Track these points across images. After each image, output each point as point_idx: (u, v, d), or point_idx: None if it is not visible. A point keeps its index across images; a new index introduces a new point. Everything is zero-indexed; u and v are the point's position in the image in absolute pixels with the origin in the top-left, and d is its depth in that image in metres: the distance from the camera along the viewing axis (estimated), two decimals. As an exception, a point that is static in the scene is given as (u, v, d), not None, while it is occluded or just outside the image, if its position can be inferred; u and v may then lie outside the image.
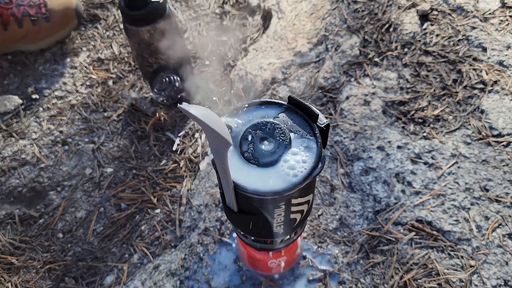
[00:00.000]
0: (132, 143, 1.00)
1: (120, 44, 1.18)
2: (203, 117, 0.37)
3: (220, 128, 0.38)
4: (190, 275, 0.82)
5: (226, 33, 1.18)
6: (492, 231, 0.83)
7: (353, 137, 0.96)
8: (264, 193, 0.45)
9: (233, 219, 0.56)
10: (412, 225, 0.84)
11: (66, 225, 0.91)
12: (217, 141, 0.40)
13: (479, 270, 0.79)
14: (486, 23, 1.11)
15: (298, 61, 1.09)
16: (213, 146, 0.41)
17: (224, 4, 1.25)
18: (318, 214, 0.87)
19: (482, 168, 0.90)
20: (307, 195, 0.51)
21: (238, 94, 1.06)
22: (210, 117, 0.38)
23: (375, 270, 0.81)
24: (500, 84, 1.00)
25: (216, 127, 0.38)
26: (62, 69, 1.15)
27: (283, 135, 0.48)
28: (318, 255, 0.83)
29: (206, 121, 0.37)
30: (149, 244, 0.87)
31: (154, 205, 0.91)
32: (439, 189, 0.88)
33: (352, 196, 0.89)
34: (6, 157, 1.00)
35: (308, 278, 0.80)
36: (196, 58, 1.14)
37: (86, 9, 1.25)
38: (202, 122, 0.37)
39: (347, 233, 0.85)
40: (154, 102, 1.06)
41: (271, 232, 0.55)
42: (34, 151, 1.01)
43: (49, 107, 1.08)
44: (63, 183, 0.96)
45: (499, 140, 0.93)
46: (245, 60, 1.12)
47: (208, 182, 0.93)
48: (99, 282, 0.84)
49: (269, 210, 0.49)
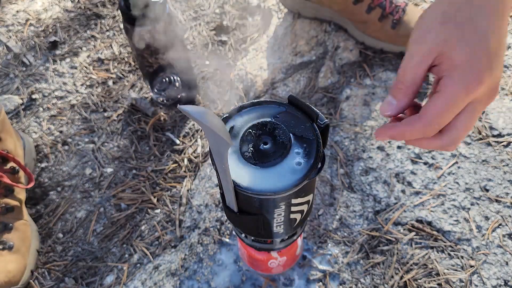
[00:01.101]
0: (132, 143, 1.00)
1: (120, 44, 1.18)
2: (203, 117, 0.37)
3: (220, 128, 0.38)
4: (190, 275, 0.82)
5: (226, 33, 1.18)
6: (492, 231, 0.83)
7: (353, 137, 0.96)
8: (264, 193, 0.45)
9: (233, 219, 0.56)
10: (412, 225, 0.84)
11: (66, 225, 0.91)
12: (217, 141, 0.40)
13: (479, 270, 0.79)
14: (486, 23, 1.11)
15: (298, 61, 1.09)
16: (213, 146, 0.41)
17: (224, 4, 1.25)
18: (318, 214, 0.87)
19: (482, 168, 0.90)
20: (307, 195, 0.51)
21: (238, 94, 1.06)
22: (209, 118, 0.37)
23: (375, 270, 0.81)
24: (500, 84, 1.00)
25: (215, 128, 0.38)
26: (62, 69, 1.15)
27: (283, 135, 0.48)
28: (318, 255, 0.83)
29: (205, 121, 0.37)
30: (149, 244, 0.87)
31: (154, 205, 0.92)
32: (439, 189, 0.88)
33: (352, 196, 0.89)
34: (6, 157, 1.00)
35: (308, 278, 0.80)
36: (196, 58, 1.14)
37: (88, 9, 1.25)
38: (202, 123, 0.37)
39: (347, 233, 0.85)
40: (154, 102, 1.06)
41: (271, 232, 0.55)
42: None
43: (49, 107, 1.08)
44: (63, 183, 0.96)
45: (499, 140, 0.93)
46: (245, 60, 1.12)
47: (208, 182, 0.93)
48: (99, 282, 0.84)
49: (269, 210, 0.49)
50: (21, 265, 0.81)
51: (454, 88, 0.41)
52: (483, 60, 0.41)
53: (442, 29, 0.42)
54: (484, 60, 0.41)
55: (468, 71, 0.41)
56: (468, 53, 0.41)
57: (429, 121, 0.43)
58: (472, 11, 0.41)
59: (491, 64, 0.41)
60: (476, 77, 0.41)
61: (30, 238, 0.85)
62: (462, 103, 0.42)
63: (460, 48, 0.41)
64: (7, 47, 1.20)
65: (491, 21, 0.41)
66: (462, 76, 0.41)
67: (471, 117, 0.43)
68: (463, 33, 0.41)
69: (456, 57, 0.41)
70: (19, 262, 0.81)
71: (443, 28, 0.42)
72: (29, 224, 0.86)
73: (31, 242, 0.85)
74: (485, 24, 0.41)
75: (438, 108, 0.42)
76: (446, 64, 0.42)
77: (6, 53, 1.20)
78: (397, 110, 0.46)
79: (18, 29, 1.25)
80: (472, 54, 0.41)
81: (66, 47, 1.19)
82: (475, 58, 0.41)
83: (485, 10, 0.41)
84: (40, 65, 1.16)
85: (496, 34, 0.41)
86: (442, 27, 0.42)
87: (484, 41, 0.41)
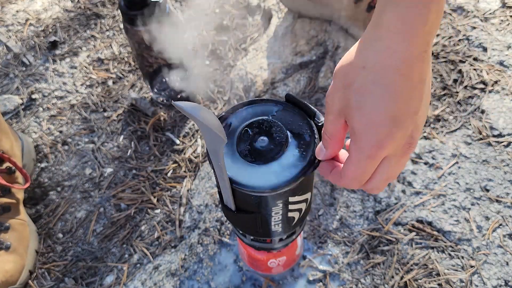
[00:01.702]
0: (132, 143, 1.00)
1: (120, 44, 1.18)
2: (197, 113, 0.37)
3: (214, 124, 0.38)
4: (190, 275, 0.82)
5: (226, 33, 1.18)
6: (492, 231, 0.83)
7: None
8: (261, 190, 0.45)
9: (231, 217, 0.56)
10: (412, 225, 0.84)
11: (66, 225, 0.91)
12: (212, 137, 0.40)
13: (479, 270, 0.79)
14: (486, 23, 1.11)
15: (298, 61, 1.09)
16: (208, 143, 0.41)
17: (224, 4, 1.25)
18: (318, 214, 0.87)
19: (483, 168, 0.90)
20: (304, 193, 0.51)
21: (238, 94, 1.06)
22: (203, 114, 0.38)
23: (376, 270, 0.80)
24: (500, 84, 1.00)
25: (209, 123, 0.38)
26: (62, 69, 1.15)
27: (280, 133, 0.48)
28: (318, 255, 0.82)
29: (199, 117, 0.37)
30: (149, 244, 0.87)
31: (154, 205, 0.91)
32: (440, 189, 0.88)
33: (352, 196, 0.88)
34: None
35: (308, 278, 0.80)
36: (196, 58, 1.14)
37: (88, 9, 1.25)
38: (196, 119, 0.37)
39: (347, 233, 0.85)
40: (154, 102, 1.05)
41: (269, 231, 0.55)
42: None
43: (49, 107, 1.08)
44: (63, 183, 0.96)
45: (499, 140, 0.93)
46: (245, 60, 1.12)
47: (208, 182, 0.93)
48: (99, 283, 0.83)
49: (267, 208, 0.49)
50: (19, 265, 0.81)
51: (357, 155, 0.42)
52: (380, 128, 0.39)
53: (344, 94, 0.41)
54: (381, 128, 0.39)
55: (367, 139, 0.40)
56: (364, 122, 0.40)
57: (350, 181, 0.44)
58: (368, 78, 0.39)
59: (391, 128, 0.39)
60: (375, 143, 0.40)
61: (28, 238, 0.85)
62: (370, 165, 0.42)
63: (357, 116, 0.40)
64: (7, 47, 1.21)
65: (390, 85, 0.38)
66: (363, 144, 0.40)
67: (388, 170, 0.44)
68: (360, 100, 0.40)
69: (355, 125, 0.41)
70: (17, 262, 0.81)
71: (345, 94, 0.41)
72: (27, 224, 0.86)
73: (29, 242, 0.85)
74: (381, 90, 0.39)
75: (352, 172, 0.43)
76: (350, 128, 0.42)
77: (6, 53, 1.20)
78: (327, 156, 0.47)
79: (18, 29, 1.25)
80: (369, 122, 0.40)
81: (66, 47, 1.19)
82: (371, 127, 0.40)
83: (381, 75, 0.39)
84: (40, 65, 1.16)
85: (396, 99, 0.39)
86: (345, 91, 0.41)
87: (383, 107, 0.39)
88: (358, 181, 0.44)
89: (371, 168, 0.43)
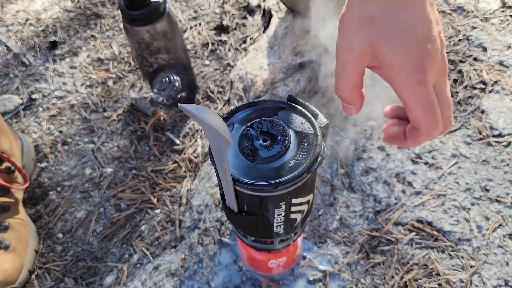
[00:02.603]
0: (132, 143, 1.00)
1: (120, 44, 1.18)
2: (203, 115, 0.37)
3: (220, 126, 0.38)
4: (190, 275, 0.82)
5: (226, 33, 1.18)
6: (492, 231, 0.83)
7: (353, 137, 0.96)
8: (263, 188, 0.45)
9: (233, 219, 0.56)
10: (412, 225, 0.84)
11: (66, 225, 0.91)
12: (217, 140, 0.39)
13: (479, 270, 0.79)
14: (486, 23, 1.11)
15: (298, 61, 1.09)
16: (213, 145, 0.41)
17: (224, 4, 1.25)
18: (318, 214, 0.87)
19: (483, 168, 0.90)
20: (307, 195, 0.51)
21: (238, 94, 1.06)
22: (210, 116, 0.37)
23: (376, 270, 0.80)
24: (500, 84, 1.00)
25: (216, 126, 0.38)
26: (62, 69, 1.15)
27: (282, 133, 0.48)
28: (318, 255, 0.82)
29: (206, 120, 0.37)
30: (149, 244, 0.87)
31: (154, 205, 0.91)
32: (440, 189, 0.88)
33: (352, 196, 0.88)
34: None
35: (308, 279, 0.80)
36: (196, 58, 1.14)
37: (88, 9, 1.25)
38: (202, 121, 0.37)
39: (347, 233, 0.85)
40: (154, 102, 1.05)
41: (271, 233, 0.55)
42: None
43: (49, 107, 1.08)
44: (63, 183, 0.96)
45: (499, 140, 0.93)
46: (245, 60, 1.12)
47: (208, 182, 0.93)
48: (99, 283, 0.83)
49: (270, 210, 0.49)
50: (18, 265, 0.81)
51: (410, 88, 0.41)
52: (415, 49, 0.39)
53: (365, 33, 0.40)
54: (416, 49, 0.39)
55: (409, 65, 0.39)
56: (400, 50, 0.39)
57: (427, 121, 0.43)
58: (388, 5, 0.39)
59: (425, 47, 0.39)
60: (419, 66, 0.39)
61: (27, 238, 0.85)
62: (428, 91, 0.41)
63: (390, 46, 0.39)
64: (7, 47, 1.20)
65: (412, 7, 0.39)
66: (407, 72, 0.40)
67: (445, 91, 0.43)
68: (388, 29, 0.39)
69: (389, 57, 0.40)
70: (16, 262, 0.81)
71: (366, 32, 0.40)
72: (27, 223, 0.86)
73: (29, 242, 0.85)
74: (406, 13, 0.39)
75: (421, 109, 0.42)
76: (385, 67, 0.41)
77: (6, 53, 1.20)
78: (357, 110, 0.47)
79: (18, 29, 1.25)
80: (404, 48, 0.39)
81: (66, 47, 1.19)
82: (407, 51, 0.39)
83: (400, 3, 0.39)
84: (40, 65, 1.16)
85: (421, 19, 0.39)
86: (366, 28, 0.40)
87: (412, 28, 0.39)
88: (433, 114, 0.42)
89: (430, 94, 0.41)
